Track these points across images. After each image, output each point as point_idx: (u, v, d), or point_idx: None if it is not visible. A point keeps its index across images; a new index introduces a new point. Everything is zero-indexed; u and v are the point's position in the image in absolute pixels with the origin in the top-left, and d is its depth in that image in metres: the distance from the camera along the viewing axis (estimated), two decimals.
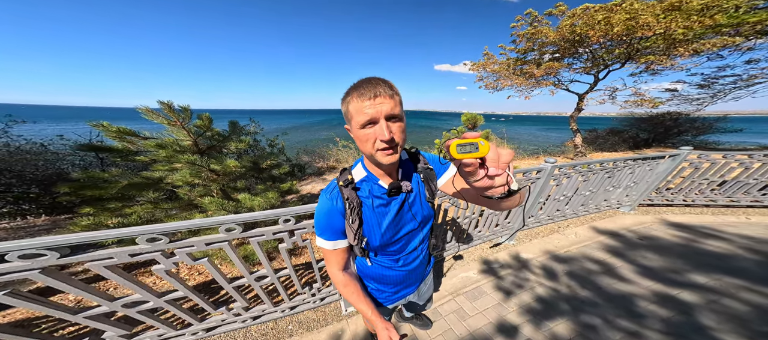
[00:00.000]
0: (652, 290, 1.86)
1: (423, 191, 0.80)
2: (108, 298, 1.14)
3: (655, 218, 3.08)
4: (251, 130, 3.00)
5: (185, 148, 2.03)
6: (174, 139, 1.99)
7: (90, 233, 0.93)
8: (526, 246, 2.53)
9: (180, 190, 2.12)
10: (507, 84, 8.13)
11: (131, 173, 2.08)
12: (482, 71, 8.39)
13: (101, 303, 1.14)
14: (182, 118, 1.97)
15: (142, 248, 1.04)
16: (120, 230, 0.97)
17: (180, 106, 1.99)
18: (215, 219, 1.11)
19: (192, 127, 2.06)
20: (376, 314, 0.75)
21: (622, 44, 6.17)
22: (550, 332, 1.56)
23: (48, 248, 0.89)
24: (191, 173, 1.93)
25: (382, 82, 0.57)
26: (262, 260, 1.38)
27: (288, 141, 5.92)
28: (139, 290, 1.18)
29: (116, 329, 1.28)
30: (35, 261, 0.90)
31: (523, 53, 7.68)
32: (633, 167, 2.93)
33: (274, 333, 1.64)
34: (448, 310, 1.78)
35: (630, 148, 9.57)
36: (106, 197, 1.91)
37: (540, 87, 8.15)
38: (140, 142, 1.98)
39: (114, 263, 1.03)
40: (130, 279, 1.13)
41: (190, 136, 2.03)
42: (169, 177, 1.99)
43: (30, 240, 0.88)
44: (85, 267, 2.24)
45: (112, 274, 1.05)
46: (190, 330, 1.47)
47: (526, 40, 7.15)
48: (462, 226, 2.20)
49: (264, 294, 1.55)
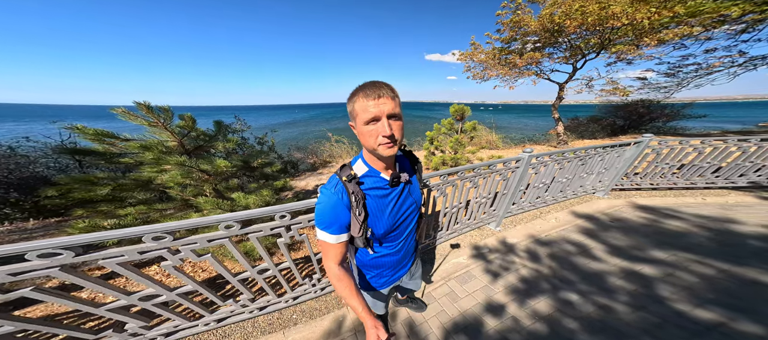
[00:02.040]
0: (620, 267, 2.09)
1: (416, 181, 0.93)
2: (125, 293, 1.20)
3: (625, 202, 3.36)
4: (238, 129, 2.93)
5: (171, 149, 2.00)
6: (159, 141, 1.96)
7: (101, 233, 0.98)
8: (512, 232, 2.72)
9: (171, 191, 2.10)
10: (493, 74, 8.28)
11: (118, 175, 2.04)
12: (470, 61, 8.46)
13: (119, 297, 1.20)
14: (163, 118, 1.93)
15: (150, 246, 1.10)
16: (127, 230, 1.02)
17: (159, 106, 1.94)
18: (214, 218, 1.16)
19: (175, 127, 2.02)
20: (367, 311, 0.77)
21: (595, 34, 6.41)
22: (532, 309, 1.74)
23: (63, 247, 0.94)
24: (182, 174, 1.91)
25: (384, 86, 0.65)
26: (262, 254, 1.45)
27: (278, 138, 5.83)
28: (151, 284, 1.24)
29: (137, 321, 1.34)
30: (54, 259, 0.94)
31: (507, 42, 7.81)
32: (603, 155, 3.16)
33: (280, 322, 1.73)
34: (440, 293, 1.93)
35: (608, 135, 10.10)
36: (97, 200, 1.88)
37: (523, 77, 8.35)
38: (121, 143, 1.94)
39: (126, 260, 1.08)
40: (142, 275, 1.18)
41: (174, 137, 2.00)
42: (158, 178, 1.96)
43: (46, 240, 0.92)
44: (90, 266, 2.22)
45: (125, 270, 1.10)
46: (202, 321, 1.55)
47: (510, 29, 7.27)
48: (451, 214, 2.34)
49: (267, 286, 1.62)
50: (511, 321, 1.66)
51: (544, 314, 1.69)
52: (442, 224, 2.35)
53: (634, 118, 10.65)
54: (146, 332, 1.41)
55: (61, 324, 1.21)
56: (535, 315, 1.69)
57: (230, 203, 2.05)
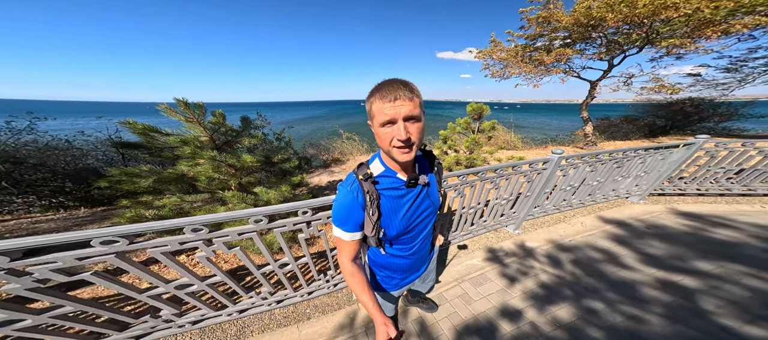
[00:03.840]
0: (655, 276, 1.91)
1: (435, 183, 0.89)
2: (163, 280, 1.30)
3: (664, 208, 3.07)
4: (259, 125, 3.08)
5: (204, 144, 2.14)
6: (195, 136, 2.09)
7: (151, 223, 1.06)
8: (532, 235, 2.60)
9: (199, 184, 2.24)
10: (515, 72, 7.95)
11: (158, 168, 2.22)
12: (488, 59, 8.21)
13: (158, 284, 1.29)
14: (198, 114, 2.04)
15: (189, 237, 1.17)
16: (173, 221, 1.09)
17: (194, 102, 2.04)
18: (245, 212, 1.21)
19: (207, 123, 2.14)
20: (377, 307, 0.77)
21: (641, 27, 5.85)
22: (553, 316, 1.64)
23: (120, 235, 1.03)
24: (212, 169, 2.04)
25: (402, 86, 0.60)
26: (284, 248, 1.49)
27: (294, 134, 6.01)
28: (185, 274, 1.32)
29: (170, 308, 1.45)
30: (112, 246, 1.03)
31: (533, 39, 7.43)
32: (644, 157, 2.91)
33: (294, 316, 1.78)
34: (453, 295, 1.88)
35: (645, 136, 9.26)
36: (139, 191, 2.05)
37: (550, 75, 7.93)
38: (163, 138, 2.08)
39: (168, 249, 1.17)
40: (179, 264, 1.26)
41: (206, 132, 2.13)
42: (191, 172, 2.11)
43: (106, 229, 1.01)
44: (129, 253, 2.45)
45: (167, 259, 1.19)
46: (225, 311, 1.63)
47: (537, 25, 6.90)
48: (467, 216, 2.28)
49: (285, 280, 1.68)
50: (528, 327, 1.59)
51: (565, 322, 1.60)
52: (457, 224, 2.30)
53: (679, 119, 9.67)
54: (177, 319, 1.50)
55: (104, 307, 1.30)
56: (555, 322, 1.60)
57: (253, 198, 2.16)
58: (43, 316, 1.12)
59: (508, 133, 8.99)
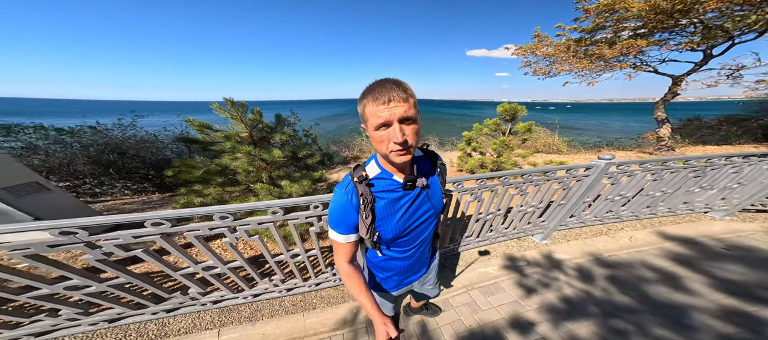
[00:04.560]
0: (721, 303, 1.52)
1: (437, 185, 0.85)
2: (194, 261, 1.44)
3: (761, 227, 2.42)
4: (291, 122, 3.34)
5: (244, 139, 2.41)
6: (236, 132, 2.37)
7: (186, 209, 1.23)
8: (563, 246, 2.31)
9: (239, 176, 2.51)
10: (564, 69, 7.16)
11: (207, 161, 2.55)
12: (530, 55, 7.56)
13: (190, 265, 1.43)
14: (240, 112, 2.30)
15: (217, 224, 1.27)
16: (204, 209, 1.25)
17: (237, 101, 2.30)
18: (264, 203, 1.32)
19: (248, 120, 2.38)
20: (376, 308, 0.76)
21: (762, 6, 4.60)
22: (569, 333, 1.45)
23: (166, 218, 1.17)
24: (248, 162, 2.31)
25: (396, 86, 0.58)
26: (296, 239, 1.56)
27: (319, 130, 6.18)
28: (212, 257, 1.45)
29: (197, 288, 1.63)
30: (159, 228, 1.19)
31: (590, 32, 6.52)
32: (740, 166, 2.36)
33: (302, 305, 1.86)
34: (459, 302, 1.79)
35: (757, 140, 7.35)
36: (193, 180, 2.41)
37: (611, 70, 6.91)
38: (213, 133, 2.39)
39: (200, 234, 1.29)
40: (208, 247, 1.38)
41: (246, 128, 2.38)
42: (232, 165, 2.42)
43: (157, 212, 1.17)
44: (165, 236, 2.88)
45: (198, 242, 1.32)
46: (242, 294, 1.77)
47: (596, 16, 6.04)
48: (485, 221, 2.15)
49: (296, 270, 1.76)
50: None
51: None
52: (472, 229, 2.17)
53: None
54: (201, 297, 1.67)
55: (150, 281, 1.45)
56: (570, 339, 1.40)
57: (278, 190, 2.38)
58: (104, 284, 1.34)
59: (551, 135, 8.07)
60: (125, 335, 1.61)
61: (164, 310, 1.65)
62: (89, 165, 4.56)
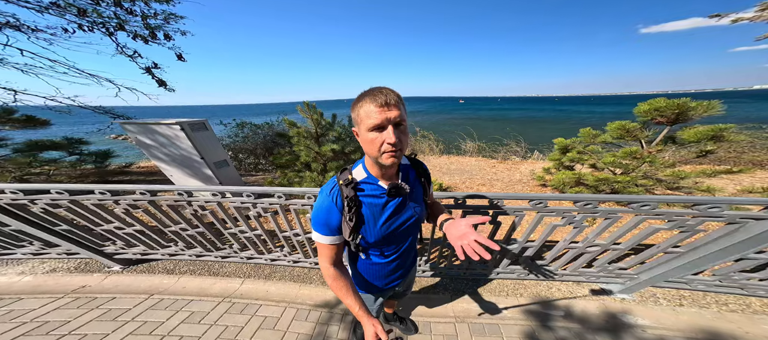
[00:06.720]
0: None
1: (420, 193, 0.88)
2: (249, 227, 1.90)
3: None
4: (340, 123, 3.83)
5: (310, 134, 3.01)
6: (306, 128, 3.01)
7: (259, 187, 1.68)
8: (652, 312, 1.61)
9: (313, 164, 3.08)
10: None
11: (290, 151, 3.29)
12: None
13: (247, 230, 1.91)
14: (311, 112, 2.91)
15: (274, 201, 1.63)
16: (267, 188, 1.65)
17: (309, 102, 2.95)
18: (302, 190, 1.61)
19: (313, 118, 2.96)
20: (363, 309, 0.78)
21: None
22: None
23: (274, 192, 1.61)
24: (306, 154, 2.90)
25: (391, 92, 0.62)
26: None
27: None
28: (259, 226, 1.89)
29: (237, 245, 2.15)
30: (272, 199, 1.62)
31: None
32: None
33: (301, 277, 2.18)
34: (440, 331, 1.60)
35: None
36: (281, 165, 3.24)
37: None
38: (294, 129, 3.10)
39: (268, 206, 1.67)
40: (256, 218, 1.75)
41: (313, 124, 2.98)
42: (301, 155, 3.06)
43: (266, 188, 1.62)
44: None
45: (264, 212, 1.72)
46: (264, 256, 2.20)
47: None
48: (523, 249, 1.71)
49: (310, 249, 2.10)
50: None
51: None
52: (508, 259, 1.82)
53: None
54: (240, 252, 2.18)
55: (235, 237, 2.01)
56: None
57: (322, 180, 2.85)
58: (236, 229, 1.96)
59: None
60: (195, 264, 2.35)
61: (219, 256, 2.26)
62: (260, 149, 6.98)
